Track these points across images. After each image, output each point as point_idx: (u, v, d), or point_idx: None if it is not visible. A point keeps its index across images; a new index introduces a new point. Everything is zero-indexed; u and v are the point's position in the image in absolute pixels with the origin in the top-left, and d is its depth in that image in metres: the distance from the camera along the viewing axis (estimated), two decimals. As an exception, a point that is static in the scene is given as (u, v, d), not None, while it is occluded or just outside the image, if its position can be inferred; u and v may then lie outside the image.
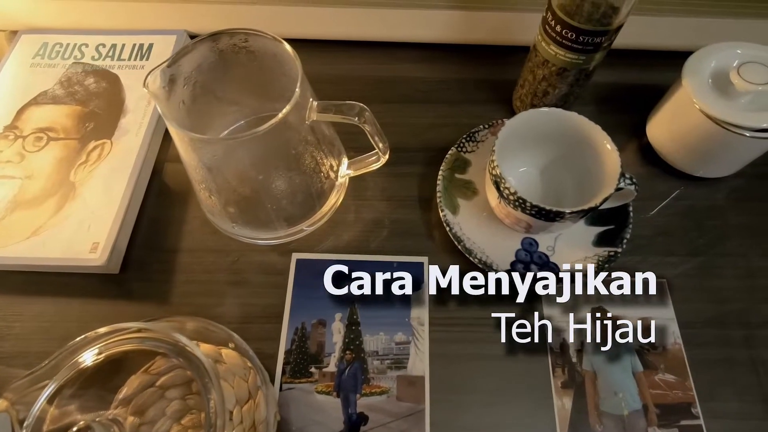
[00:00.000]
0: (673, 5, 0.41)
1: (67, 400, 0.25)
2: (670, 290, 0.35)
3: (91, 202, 0.37)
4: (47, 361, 0.24)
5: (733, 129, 0.34)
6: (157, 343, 0.25)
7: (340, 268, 0.35)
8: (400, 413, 0.32)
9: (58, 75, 0.44)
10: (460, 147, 0.39)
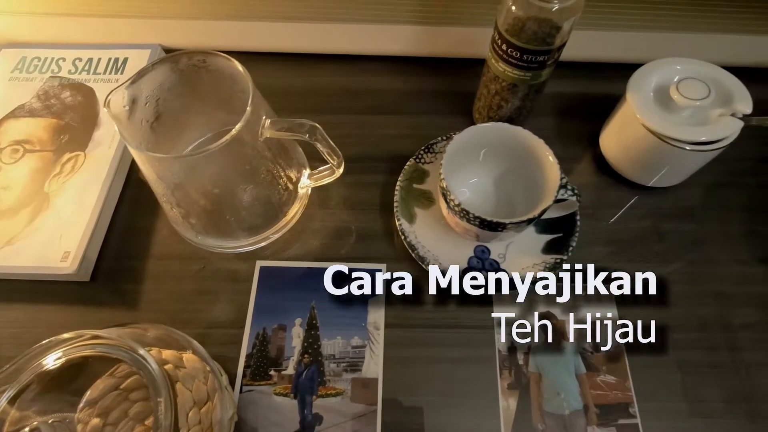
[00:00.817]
0: (621, 21, 0.43)
1: (28, 402, 0.26)
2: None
3: (64, 213, 0.39)
4: (9, 365, 0.26)
5: (674, 143, 0.36)
6: (112, 349, 0.26)
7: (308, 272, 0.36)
8: (353, 414, 0.33)
9: (35, 88, 0.45)
10: (419, 158, 0.40)
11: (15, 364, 0.26)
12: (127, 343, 0.26)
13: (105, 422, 0.31)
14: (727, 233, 0.40)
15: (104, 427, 0.31)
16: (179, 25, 0.47)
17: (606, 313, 0.36)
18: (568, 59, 0.44)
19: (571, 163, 0.44)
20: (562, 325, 0.36)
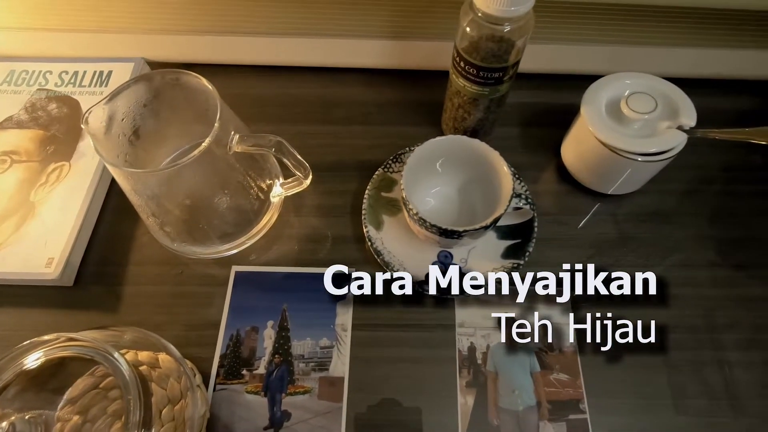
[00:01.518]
0: (579, 35, 0.45)
1: (8, 401, 0.28)
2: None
3: (49, 221, 0.41)
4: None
5: (625, 154, 0.38)
6: (87, 351, 0.28)
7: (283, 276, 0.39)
8: (320, 411, 0.35)
9: (23, 101, 0.47)
10: (387, 168, 0.42)
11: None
12: (102, 346, 0.28)
13: (85, 419, 0.33)
14: (688, 237, 0.42)
15: (84, 424, 0.33)
16: (161, 39, 0.49)
17: (563, 315, 0.38)
18: (531, 71, 0.47)
19: (535, 171, 0.46)
20: (520, 324, 0.38)
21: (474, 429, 0.34)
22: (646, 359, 0.37)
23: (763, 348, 0.37)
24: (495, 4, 0.31)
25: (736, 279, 0.40)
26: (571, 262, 0.40)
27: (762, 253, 0.41)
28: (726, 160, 0.45)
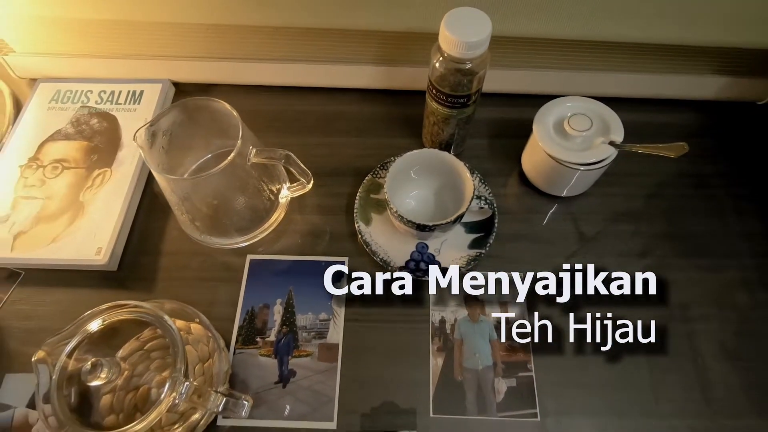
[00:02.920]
0: (536, 62, 0.54)
1: (80, 354, 0.37)
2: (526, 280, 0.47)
3: (96, 217, 0.49)
4: (68, 327, 0.36)
5: (568, 164, 0.46)
6: (145, 315, 0.37)
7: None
8: (319, 369, 0.44)
9: (69, 116, 0.56)
10: (375, 174, 0.51)
11: (72, 327, 0.37)
12: (155, 311, 0.37)
13: (132, 374, 0.41)
14: (624, 231, 0.51)
15: (132, 378, 0.41)
16: (185, 64, 0.57)
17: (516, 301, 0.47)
18: (497, 91, 0.56)
19: (500, 177, 0.54)
20: (482, 305, 0.46)
21: (443, 383, 0.43)
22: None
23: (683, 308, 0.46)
24: (456, 49, 0.39)
25: (662, 265, 0.48)
26: (529, 253, 0.49)
27: (681, 244, 0.50)
28: (653, 167, 0.54)
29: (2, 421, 0.42)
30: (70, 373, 0.37)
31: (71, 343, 0.36)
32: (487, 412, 0.42)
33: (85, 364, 0.36)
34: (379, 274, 0.45)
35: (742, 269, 0.49)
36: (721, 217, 0.52)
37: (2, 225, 0.49)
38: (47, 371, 0.35)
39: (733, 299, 0.47)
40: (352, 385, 0.43)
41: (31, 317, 0.46)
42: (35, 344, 0.44)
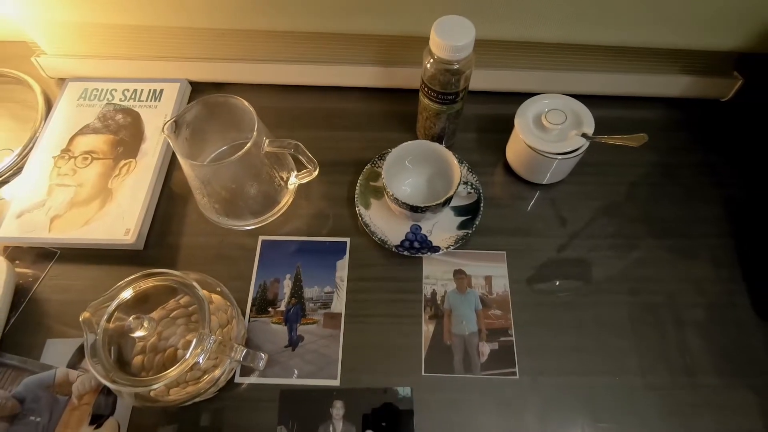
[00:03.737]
0: (518, 63, 0.60)
1: (117, 318, 0.42)
2: (507, 257, 0.53)
3: (123, 202, 0.55)
4: (108, 292, 0.42)
5: (546, 154, 0.52)
6: (175, 281, 0.43)
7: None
8: (324, 335, 0.50)
9: (96, 112, 0.61)
10: (374, 164, 0.57)
11: (111, 292, 0.42)
12: (183, 277, 0.43)
13: (160, 337, 0.47)
14: (597, 214, 0.56)
15: (160, 341, 0.47)
16: (201, 65, 0.63)
17: (497, 270, 0.52)
18: (485, 89, 0.61)
19: (487, 167, 0.60)
20: (469, 278, 0.52)
21: (433, 347, 0.49)
22: (559, 300, 0.51)
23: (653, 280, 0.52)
24: (444, 52, 0.45)
25: (631, 244, 0.54)
26: (511, 234, 0.55)
27: (649, 226, 0.55)
28: (624, 159, 0.59)
29: (46, 379, 0.47)
30: (110, 333, 0.42)
31: (111, 305, 0.42)
32: (473, 371, 0.48)
33: (125, 321, 0.41)
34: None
35: (706, 249, 0.54)
36: (687, 202, 0.57)
37: (40, 209, 0.54)
38: (93, 329, 0.40)
39: (697, 275, 0.53)
40: (353, 348, 0.49)
41: (67, 291, 0.52)
42: (72, 314, 0.50)
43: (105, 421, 0.46)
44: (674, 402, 0.46)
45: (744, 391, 0.47)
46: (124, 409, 0.46)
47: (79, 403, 0.47)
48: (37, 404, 0.46)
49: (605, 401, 0.46)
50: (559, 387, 0.47)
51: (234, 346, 0.41)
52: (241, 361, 0.42)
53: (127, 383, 0.39)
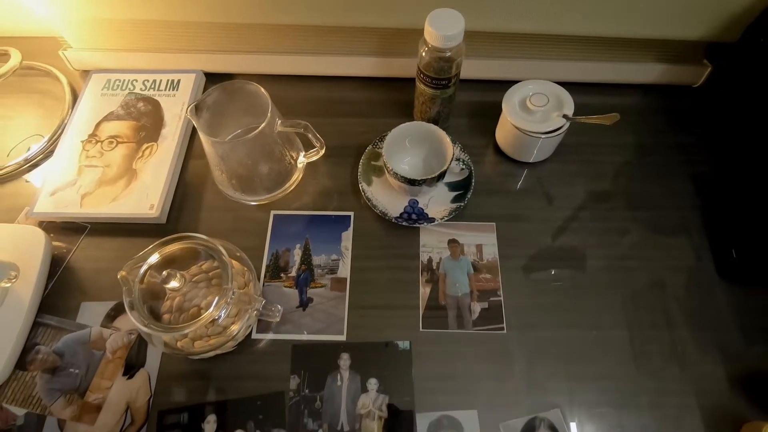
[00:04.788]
0: (504, 53, 0.65)
1: (150, 275, 0.48)
2: (497, 228, 0.59)
3: (147, 181, 0.60)
4: (141, 253, 0.47)
5: (531, 134, 0.57)
6: (200, 243, 0.48)
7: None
8: (331, 297, 0.55)
9: (119, 101, 0.67)
10: (375, 145, 0.62)
11: (142, 253, 0.48)
12: (208, 240, 0.48)
13: (185, 298, 0.52)
14: (578, 189, 0.62)
15: (183, 302, 0.52)
16: (214, 56, 0.69)
17: (488, 238, 0.58)
18: (475, 78, 0.67)
19: (478, 148, 0.65)
20: (462, 246, 0.58)
21: (429, 306, 0.54)
22: (544, 265, 0.57)
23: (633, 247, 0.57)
24: (437, 41, 0.51)
25: (608, 216, 0.60)
26: (499, 207, 0.60)
27: (624, 199, 0.61)
28: (603, 140, 0.65)
29: (83, 336, 0.53)
30: (143, 292, 0.48)
31: (144, 265, 0.47)
32: (465, 327, 0.53)
33: (156, 279, 0.47)
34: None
35: (677, 219, 0.60)
36: (661, 178, 0.63)
37: (71, 188, 0.60)
38: (129, 285, 0.46)
39: (668, 242, 0.58)
40: (357, 308, 0.54)
41: (97, 260, 0.58)
42: (103, 281, 0.56)
43: (137, 372, 0.51)
44: (644, 352, 0.52)
45: (707, 342, 0.52)
46: (153, 362, 0.52)
47: (113, 357, 0.52)
48: (75, 358, 0.52)
49: (582, 350, 0.52)
50: (543, 339, 0.53)
51: (254, 297, 0.47)
52: (261, 310, 0.48)
53: (161, 329, 0.44)
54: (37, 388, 0.50)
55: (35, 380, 0.51)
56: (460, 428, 0.48)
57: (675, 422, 0.49)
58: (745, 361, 0.51)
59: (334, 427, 0.49)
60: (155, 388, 0.50)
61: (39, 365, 0.51)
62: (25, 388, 0.50)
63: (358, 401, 0.50)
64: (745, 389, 0.50)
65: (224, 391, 0.50)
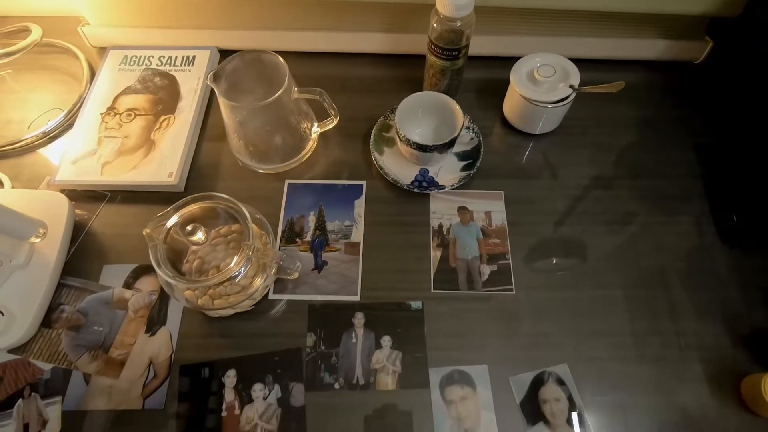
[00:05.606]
0: (512, 29, 0.67)
1: (171, 235, 0.50)
2: (505, 196, 0.61)
3: (165, 150, 0.62)
4: (164, 211, 0.49)
5: (538, 103, 0.59)
6: (222, 201, 0.50)
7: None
8: (345, 260, 0.57)
9: (136, 76, 0.69)
10: (386, 117, 0.64)
11: (164, 212, 0.49)
12: (229, 199, 0.50)
13: (203, 261, 0.54)
14: (582, 158, 0.64)
15: (203, 265, 0.54)
16: (228, 33, 0.70)
17: (496, 205, 0.60)
18: (482, 54, 0.69)
19: (486, 121, 0.67)
20: (471, 213, 0.60)
21: (440, 269, 0.56)
22: (550, 230, 0.59)
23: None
24: (448, 11, 0.53)
25: (611, 185, 0.62)
26: (506, 176, 0.62)
27: (626, 168, 0.63)
28: (607, 113, 0.67)
29: (106, 296, 0.55)
30: (166, 248, 0.50)
31: (169, 221, 0.49)
32: (475, 288, 0.55)
33: (180, 236, 0.49)
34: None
35: (679, 187, 0.62)
36: (663, 149, 0.65)
37: (91, 157, 0.62)
38: (154, 241, 0.48)
39: (670, 208, 0.60)
40: (371, 271, 0.56)
41: (117, 226, 0.59)
42: (123, 245, 0.58)
43: (158, 330, 0.53)
44: (647, 310, 0.54)
45: (708, 302, 0.54)
46: (174, 321, 0.54)
47: (135, 316, 0.54)
48: (98, 317, 0.54)
49: (588, 309, 0.54)
50: (550, 299, 0.54)
51: (274, 252, 0.49)
52: (281, 264, 0.50)
53: (185, 282, 0.46)
54: (62, 344, 0.52)
55: (60, 337, 0.52)
56: (471, 381, 0.50)
57: (677, 375, 0.51)
58: (746, 319, 0.53)
59: (350, 381, 0.50)
60: (176, 344, 0.52)
61: (64, 323, 0.53)
62: (51, 345, 0.52)
63: (373, 357, 0.51)
64: (745, 345, 0.52)
65: (243, 348, 0.52)
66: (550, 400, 0.49)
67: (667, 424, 0.49)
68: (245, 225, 0.49)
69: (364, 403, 0.49)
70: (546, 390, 0.50)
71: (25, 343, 0.52)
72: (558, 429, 0.48)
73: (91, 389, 0.50)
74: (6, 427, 0.48)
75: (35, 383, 0.50)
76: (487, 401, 0.49)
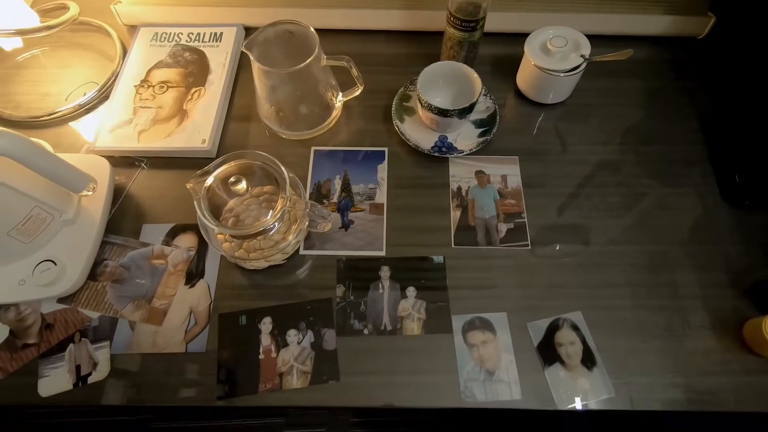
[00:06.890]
0: (525, 5, 0.70)
1: (213, 189, 0.53)
2: (519, 161, 0.64)
3: (197, 119, 0.66)
4: (205, 168, 0.52)
5: (551, 72, 0.63)
6: (259, 157, 0.53)
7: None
8: (370, 220, 0.60)
9: (167, 51, 0.72)
10: (406, 88, 0.68)
11: (206, 168, 0.53)
12: (266, 155, 0.53)
13: (238, 219, 0.57)
14: (592, 127, 0.67)
15: (238, 222, 0.57)
16: (253, 11, 0.74)
17: (512, 169, 0.63)
18: (497, 31, 0.72)
19: (501, 92, 0.71)
20: (488, 176, 0.63)
21: (460, 227, 0.60)
22: (563, 191, 0.62)
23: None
24: (468, -19, 0.56)
25: (618, 150, 0.65)
26: (520, 143, 0.66)
27: (634, 135, 0.66)
28: (615, 85, 0.71)
29: (146, 252, 0.58)
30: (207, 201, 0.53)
31: (209, 180, 0.53)
32: (493, 243, 0.59)
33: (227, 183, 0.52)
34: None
35: (683, 153, 0.65)
36: (668, 117, 0.68)
37: (128, 126, 0.65)
38: (197, 194, 0.51)
39: (675, 171, 0.64)
40: (395, 229, 0.60)
41: (154, 189, 0.63)
42: (160, 206, 0.61)
43: (197, 282, 0.57)
44: (655, 263, 0.57)
45: (712, 255, 0.58)
46: (212, 274, 0.57)
47: (174, 270, 0.57)
48: (140, 271, 0.57)
49: (600, 262, 0.57)
50: (564, 254, 0.58)
51: (307, 202, 0.52)
52: (315, 213, 0.53)
53: (228, 230, 0.50)
54: (107, 295, 0.56)
55: (106, 289, 0.56)
56: (491, 327, 0.54)
57: (683, 320, 0.54)
58: (747, 271, 0.57)
59: (378, 327, 0.54)
60: (214, 294, 0.56)
61: (108, 277, 0.57)
62: (97, 296, 0.56)
63: (399, 305, 0.55)
64: (747, 294, 0.56)
65: (277, 298, 0.56)
66: (566, 344, 0.53)
67: (675, 365, 0.52)
68: (281, 178, 0.52)
69: (392, 347, 0.53)
70: (561, 334, 0.53)
71: (73, 294, 0.55)
72: (573, 369, 0.52)
73: (137, 335, 0.54)
74: (59, 368, 0.52)
75: (84, 330, 0.54)
76: (506, 344, 0.53)
